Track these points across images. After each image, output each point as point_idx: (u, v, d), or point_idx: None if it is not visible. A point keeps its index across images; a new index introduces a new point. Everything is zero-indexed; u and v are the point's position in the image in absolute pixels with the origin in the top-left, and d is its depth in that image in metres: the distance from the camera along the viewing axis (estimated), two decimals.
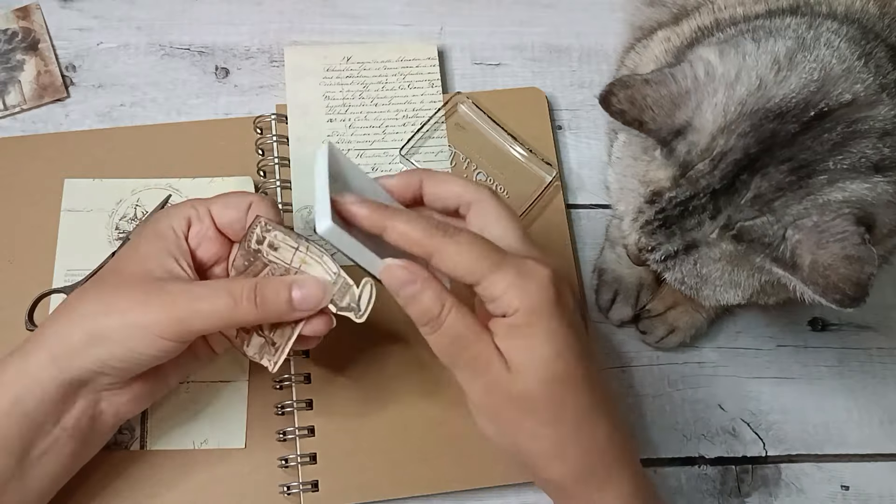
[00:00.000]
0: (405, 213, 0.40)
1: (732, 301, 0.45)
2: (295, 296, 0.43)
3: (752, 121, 0.41)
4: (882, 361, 0.60)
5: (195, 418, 0.53)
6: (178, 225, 0.45)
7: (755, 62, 0.42)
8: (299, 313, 0.43)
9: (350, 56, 0.62)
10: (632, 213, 0.45)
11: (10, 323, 0.53)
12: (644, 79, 0.42)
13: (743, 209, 0.41)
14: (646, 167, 0.44)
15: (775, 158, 0.40)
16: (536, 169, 0.60)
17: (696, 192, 0.42)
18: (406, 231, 0.39)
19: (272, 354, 0.45)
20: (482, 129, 0.61)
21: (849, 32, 0.45)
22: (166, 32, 0.64)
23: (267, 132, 0.59)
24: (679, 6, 0.59)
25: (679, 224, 0.43)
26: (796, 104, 0.41)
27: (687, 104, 0.42)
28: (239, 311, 0.42)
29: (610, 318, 0.59)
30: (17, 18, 0.63)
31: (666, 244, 0.44)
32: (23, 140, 0.59)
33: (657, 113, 0.42)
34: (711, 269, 0.43)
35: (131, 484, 0.51)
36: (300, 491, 0.51)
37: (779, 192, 0.40)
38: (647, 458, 0.56)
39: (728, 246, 0.42)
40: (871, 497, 0.57)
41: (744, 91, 0.41)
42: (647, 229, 0.44)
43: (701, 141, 0.41)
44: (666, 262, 0.45)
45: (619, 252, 0.59)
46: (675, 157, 0.42)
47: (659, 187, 0.43)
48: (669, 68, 0.43)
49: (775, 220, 0.40)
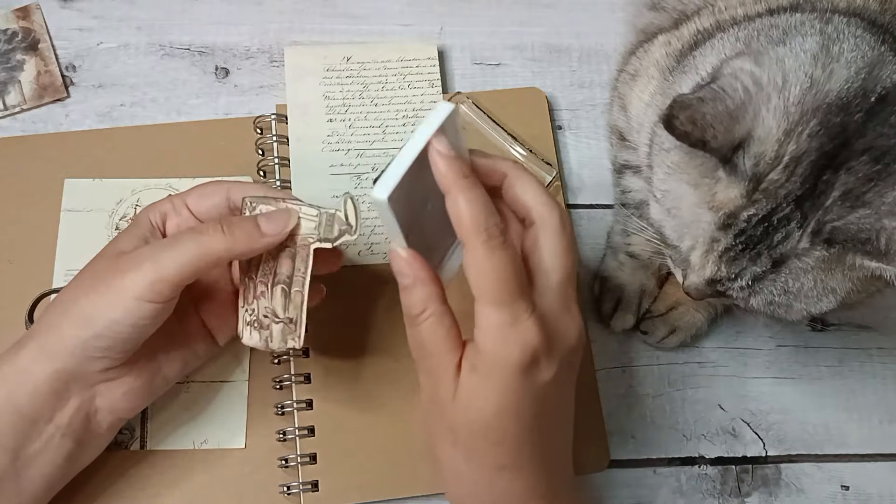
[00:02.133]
0: (473, 192, 0.38)
1: (826, 309, 0.43)
2: (262, 223, 0.44)
3: (817, 118, 0.40)
4: (882, 361, 0.60)
5: (195, 418, 0.52)
6: (154, 217, 0.47)
7: (796, 62, 0.41)
8: (267, 239, 0.44)
9: (350, 56, 0.62)
10: (703, 244, 0.43)
11: (10, 323, 0.53)
12: (698, 97, 0.40)
13: (831, 209, 0.40)
14: (710, 191, 0.42)
15: (854, 151, 0.40)
16: (536, 169, 0.60)
17: (776, 203, 0.40)
18: (458, 211, 0.38)
19: (293, 331, 0.45)
20: (482, 129, 0.61)
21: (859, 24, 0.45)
22: (166, 32, 0.64)
23: (267, 132, 0.59)
24: (679, 11, 0.58)
25: (764, 242, 0.41)
26: (855, 93, 0.40)
27: (744, 116, 0.40)
28: (206, 242, 0.42)
29: (612, 327, 0.58)
30: (17, 18, 0.63)
31: (752, 267, 0.42)
32: (23, 140, 0.59)
33: (718, 130, 0.40)
34: (804, 282, 0.42)
35: (131, 484, 0.51)
36: (300, 491, 0.51)
37: (869, 184, 0.39)
38: (647, 458, 0.56)
39: (820, 252, 0.41)
40: (871, 497, 0.57)
41: (798, 91, 0.40)
42: (728, 257, 0.42)
43: (767, 150, 0.40)
44: (753, 287, 0.42)
45: (620, 259, 0.59)
46: (741, 173, 0.40)
47: (732, 208, 0.41)
48: (715, 84, 0.41)
49: (872, 213, 0.39)
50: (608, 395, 0.57)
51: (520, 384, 0.38)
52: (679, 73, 0.51)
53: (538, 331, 0.38)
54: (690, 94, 0.41)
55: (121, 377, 0.45)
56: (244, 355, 0.54)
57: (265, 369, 0.54)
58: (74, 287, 0.44)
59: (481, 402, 0.39)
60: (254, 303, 0.46)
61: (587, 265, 0.61)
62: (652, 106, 0.53)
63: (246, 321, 0.46)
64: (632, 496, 0.56)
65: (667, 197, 0.45)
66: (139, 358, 0.45)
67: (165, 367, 0.47)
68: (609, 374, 0.58)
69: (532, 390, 0.39)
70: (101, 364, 0.43)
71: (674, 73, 0.52)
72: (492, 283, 0.37)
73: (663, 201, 0.46)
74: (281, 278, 0.45)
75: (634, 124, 0.57)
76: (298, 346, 0.45)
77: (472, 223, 0.37)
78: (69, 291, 0.44)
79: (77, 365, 0.43)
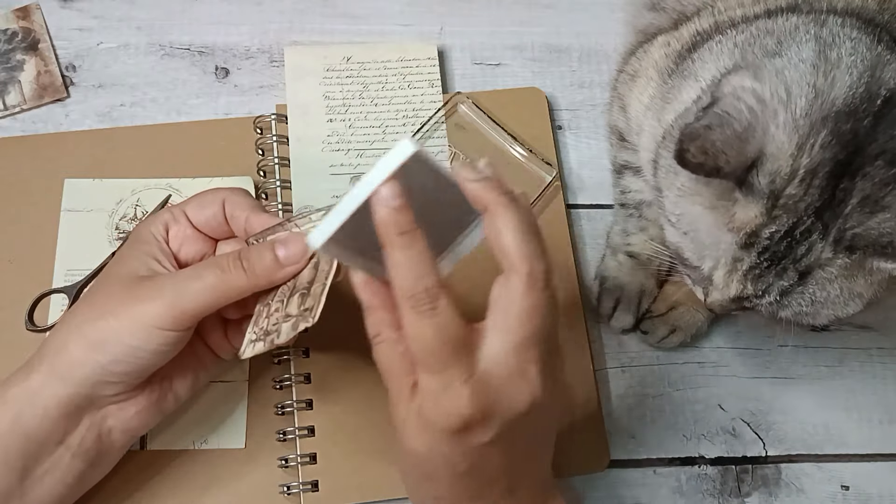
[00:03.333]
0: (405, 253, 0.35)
1: (853, 312, 0.43)
2: (280, 254, 0.43)
3: (827, 129, 0.40)
4: (882, 361, 0.60)
5: (195, 418, 0.52)
6: (156, 230, 0.47)
7: (796, 72, 0.41)
8: (287, 269, 0.44)
9: (350, 56, 0.62)
10: (726, 265, 0.43)
11: (10, 323, 0.53)
12: (705, 125, 0.40)
13: (851, 216, 0.40)
14: (729, 213, 0.42)
15: (868, 156, 0.40)
16: (536, 169, 0.60)
17: (797, 217, 0.40)
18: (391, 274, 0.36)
19: (308, 315, 0.42)
20: (482, 129, 0.61)
21: (855, 23, 0.45)
22: (166, 32, 0.64)
23: (267, 132, 0.59)
24: (678, 12, 0.58)
25: (789, 256, 0.41)
26: (861, 98, 0.40)
27: (753, 136, 0.40)
28: (229, 279, 0.42)
29: (612, 327, 0.58)
30: (17, 18, 0.63)
31: (778, 282, 0.42)
32: (23, 140, 0.59)
33: (730, 154, 0.39)
34: (830, 290, 0.42)
35: (131, 484, 0.51)
36: (300, 491, 0.51)
37: (886, 188, 0.39)
38: (647, 458, 0.56)
39: (843, 259, 0.41)
40: (871, 497, 0.57)
41: (804, 103, 0.40)
42: (753, 275, 0.42)
43: (782, 166, 0.40)
44: (781, 301, 0.42)
45: (620, 259, 0.59)
46: (758, 192, 0.40)
47: (753, 227, 0.41)
48: (718, 107, 0.41)
49: (891, 216, 0.39)
50: (608, 395, 0.57)
51: (448, 444, 0.37)
52: (678, 78, 0.51)
53: (469, 399, 0.35)
54: (696, 123, 0.40)
55: (133, 397, 0.45)
56: None
57: (265, 369, 0.54)
58: (87, 308, 0.44)
59: (414, 443, 0.38)
60: (264, 322, 0.45)
61: (587, 265, 0.61)
62: (651, 108, 0.53)
63: (251, 340, 0.45)
64: (632, 496, 0.56)
65: (682, 220, 0.45)
66: (152, 379, 0.45)
67: (177, 385, 0.47)
68: (609, 374, 0.58)
69: (462, 449, 0.37)
70: (115, 388, 0.43)
71: (673, 77, 0.52)
72: (420, 350, 0.36)
73: (679, 225, 0.45)
74: (300, 287, 0.44)
75: (634, 126, 0.57)
76: (313, 323, 0.41)
77: (399, 288, 0.36)
78: (81, 312, 0.44)
79: (91, 389, 0.42)
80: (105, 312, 0.42)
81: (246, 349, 0.45)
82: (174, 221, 0.47)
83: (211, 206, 0.47)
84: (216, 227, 0.47)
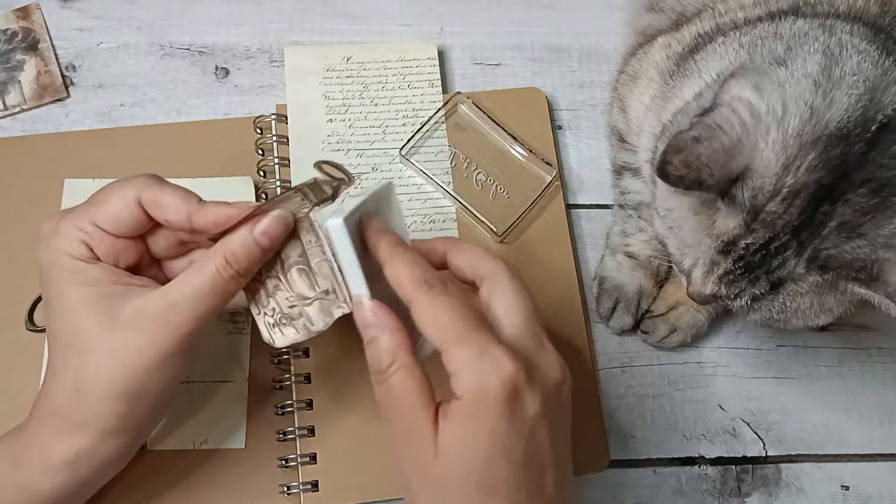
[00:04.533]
0: (407, 256, 0.39)
1: (823, 323, 0.45)
2: (257, 234, 0.41)
3: (816, 152, 0.40)
4: (882, 361, 0.61)
5: (195, 418, 0.52)
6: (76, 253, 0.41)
7: (796, 89, 0.41)
8: (268, 244, 0.42)
9: (350, 56, 0.62)
10: (703, 266, 0.44)
11: (10, 323, 0.53)
12: (693, 137, 0.40)
13: (828, 238, 0.40)
14: (710, 219, 0.43)
15: (853, 183, 0.40)
16: (536, 169, 0.60)
17: (774, 233, 0.41)
18: (396, 274, 0.38)
19: (336, 300, 0.42)
20: (482, 129, 0.61)
21: (862, 31, 0.44)
22: (166, 32, 0.64)
23: (267, 132, 0.59)
24: (678, 12, 0.58)
25: (763, 267, 0.42)
26: (855, 123, 0.40)
27: (741, 151, 0.40)
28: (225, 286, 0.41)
29: (611, 327, 0.58)
30: (17, 18, 0.63)
31: (750, 289, 0.43)
32: (23, 140, 0.59)
33: (714, 168, 0.40)
34: (801, 302, 0.43)
35: (131, 484, 0.51)
36: (300, 491, 0.51)
37: (866, 216, 0.40)
38: (647, 458, 0.56)
39: (815, 277, 0.41)
40: (871, 497, 0.57)
41: (797, 123, 0.40)
42: (727, 279, 0.43)
43: (766, 183, 0.40)
44: (752, 306, 0.44)
45: (619, 260, 0.59)
46: (738, 204, 0.41)
47: (731, 237, 0.42)
48: (711, 118, 0.41)
49: (867, 244, 0.40)
50: (608, 395, 0.57)
51: (505, 420, 0.35)
52: (680, 77, 0.51)
53: (511, 358, 0.36)
54: (685, 133, 0.40)
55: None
56: (244, 355, 0.54)
57: (265, 369, 0.54)
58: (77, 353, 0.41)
59: (468, 452, 0.36)
60: (271, 302, 0.44)
61: (587, 265, 0.61)
62: (652, 109, 0.53)
63: (270, 324, 0.43)
64: (632, 496, 0.56)
65: (669, 215, 0.46)
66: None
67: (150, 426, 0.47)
68: (609, 374, 0.58)
69: (519, 427, 0.36)
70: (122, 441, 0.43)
71: (674, 77, 0.52)
72: (446, 323, 0.36)
73: (666, 219, 0.46)
74: (292, 261, 0.43)
75: (634, 127, 0.57)
76: (349, 310, 0.41)
77: (409, 280, 0.38)
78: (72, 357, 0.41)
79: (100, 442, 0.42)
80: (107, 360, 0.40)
81: (273, 336, 0.43)
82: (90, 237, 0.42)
83: (116, 203, 0.42)
84: (128, 219, 0.42)
